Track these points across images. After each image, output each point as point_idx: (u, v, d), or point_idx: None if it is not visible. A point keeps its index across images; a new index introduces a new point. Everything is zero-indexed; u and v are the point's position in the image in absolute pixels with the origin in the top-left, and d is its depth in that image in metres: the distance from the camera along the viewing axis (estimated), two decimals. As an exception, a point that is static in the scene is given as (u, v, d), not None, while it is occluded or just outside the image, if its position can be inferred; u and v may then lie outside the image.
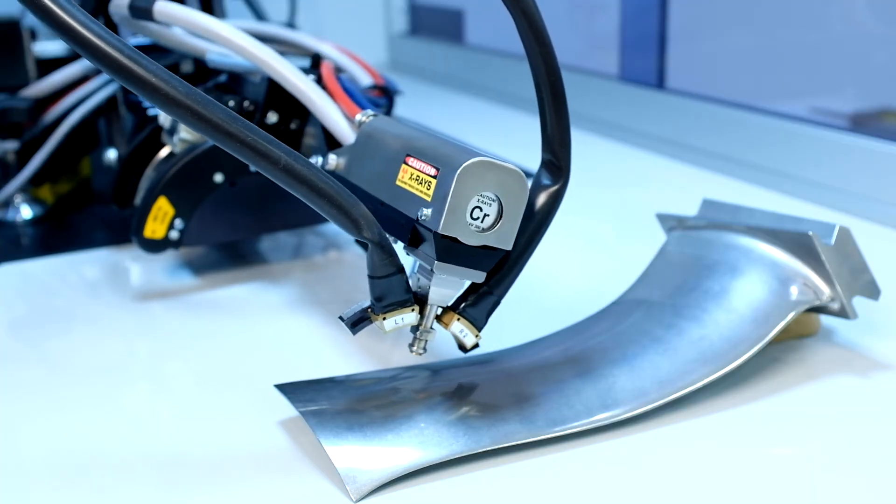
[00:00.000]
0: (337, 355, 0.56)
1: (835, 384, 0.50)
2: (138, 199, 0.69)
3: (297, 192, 0.40)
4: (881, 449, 0.44)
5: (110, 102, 0.79)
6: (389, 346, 0.56)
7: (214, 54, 0.67)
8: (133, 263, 0.72)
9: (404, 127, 0.51)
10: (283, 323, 0.61)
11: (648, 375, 0.48)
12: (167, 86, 0.36)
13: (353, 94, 0.59)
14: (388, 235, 0.44)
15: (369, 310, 0.46)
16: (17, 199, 0.82)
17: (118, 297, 0.66)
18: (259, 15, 1.09)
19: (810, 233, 0.51)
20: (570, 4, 1.20)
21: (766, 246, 0.53)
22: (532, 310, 0.60)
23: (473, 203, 0.43)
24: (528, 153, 0.64)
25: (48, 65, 0.84)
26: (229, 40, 0.60)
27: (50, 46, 0.86)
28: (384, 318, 0.46)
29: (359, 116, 0.54)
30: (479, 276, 0.46)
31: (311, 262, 0.72)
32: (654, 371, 0.48)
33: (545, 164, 0.48)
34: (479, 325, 0.48)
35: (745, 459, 0.44)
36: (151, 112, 0.72)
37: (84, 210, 0.85)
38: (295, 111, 0.65)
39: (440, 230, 0.43)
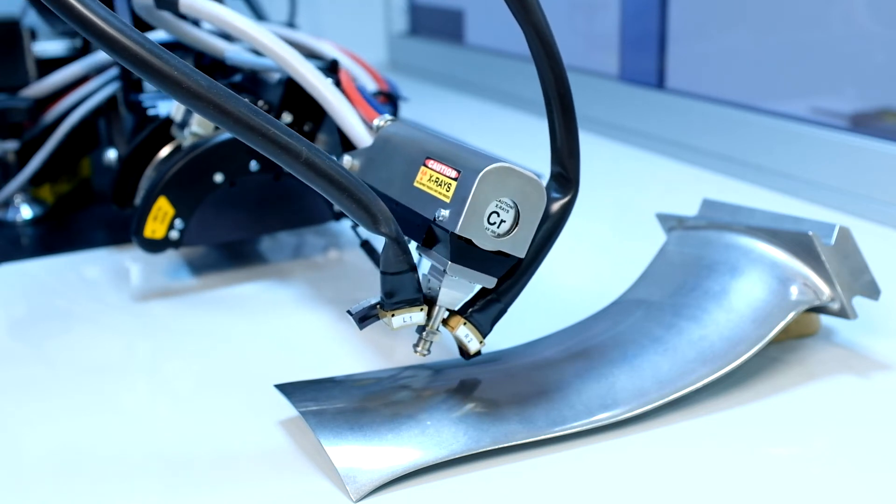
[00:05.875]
0: (337, 355, 0.56)
1: (835, 384, 0.50)
2: (138, 199, 0.69)
3: (317, 185, 0.40)
4: (881, 449, 0.44)
5: (110, 102, 0.79)
6: (391, 347, 0.56)
7: (232, 52, 0.67)
8: (133, 263, 0.72)
9: (423, 132, 0.51)
10: (284, 323, 0.61)
11: (648, 375, 0.48)
12: (189, 80, 0.36)
13: (370, 101, 0.60)
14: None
15: (378, 306, 0.46)
16: (17, 199, 0.82)
17: (118, 297, 0.66)
18: (259, 15, 1.09)
19: (810, 233, 0.51)
20: (570, 4, 1.20)
21: (766, 246, 0.53)
22: (532, 310, 0.60)
23: (492, 207, 0.43)
24: (528, 153, 0.64)
25: (48, 65, 0.84)
26: (254, 38, 0.60)
27: (50, 46, 0.86)
28: (393, 315, 0.46)
29: (377, 121, 0.55)
30: (490, 282, 0.46)
31: (312, 262, 0.72)
32: (654, 371, 0.48)
33: (554, 176, 0.48)
34: (484, 331, 0.48)
35: (745, 459, 0.44)
36: (151, 112, 0.72)
37: (84, 210, 0.85)
38: (309, 114, 0.65)
39: (457, 231, 0.43)
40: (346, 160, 0.54)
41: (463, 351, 0.49)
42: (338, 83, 0.61)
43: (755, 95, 0.92)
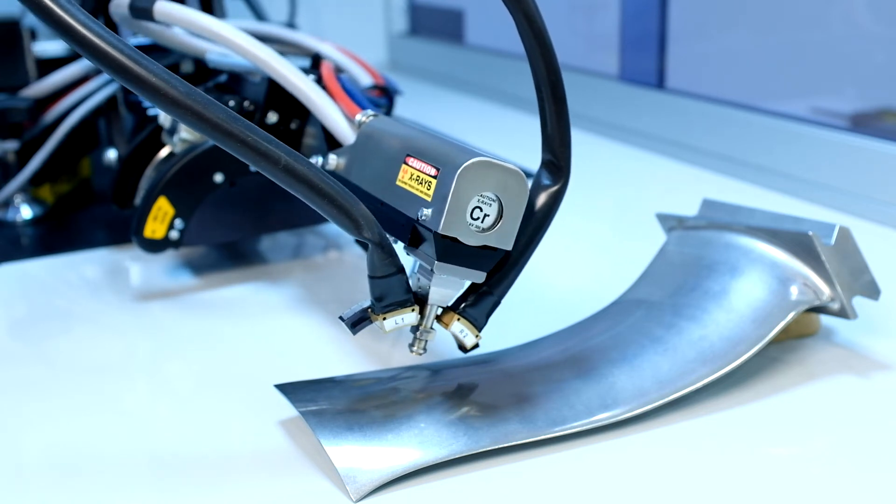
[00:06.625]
0: (337, 355, 0.56)
1: (835, 384, 0.50)
2: (138, 199, 0.69)
3: (297, 191, 0.40)
4: (881, 449, 0.44)
5: (110, 102, 0.79)
6: (389, 346, 0.56)
7: (214, 54, 0.67)
8: (133, 263, 0.72)
9: (404, 127, 0.51)
10: (284, 323, 0.61)
11: (648, 375, 0.48)
12: (168, 86, 0.36)
13: (353, 95, 0.59)
14: (388, 235, 0.44)
15: (369, 310, 0.46)
16: (17, 199, 0.82)
17: (118, 297, 0.66)
18: (259, 15, 1.09)
19: (810, 233, 0.51)
20: (570, 4, 1.20)
21: (766, 246, 0.53)
22: (532, 310, 0.60)
23: (474, 203, 0.43)
24: (528, 153, 0.64)
25: (48, 65, 0.84)
26: (229, 40, 0.60)
27: (50, 46, 0.86)
28: (384, 318, 0.46)
29: (359, 117, 0.54)
30: (480, 277, 0.46)
31: (311, 262, 0.72)
32: (654, 371, 0.48)
33: (545, 164, 0.48)
34: (479, 325, 0.48)
35: (745, 459, 0.44)
36: (151, 112, 0.72)
37: (84, 210, 0.85)
38: (295, 111, 0.65)
39: (440, 230, 0.43)
40: (332, 159, 0.54)
41: (461, 345, 0.49)
42: (319, 78, 0.61)
43: (755, 95, 0.92)
